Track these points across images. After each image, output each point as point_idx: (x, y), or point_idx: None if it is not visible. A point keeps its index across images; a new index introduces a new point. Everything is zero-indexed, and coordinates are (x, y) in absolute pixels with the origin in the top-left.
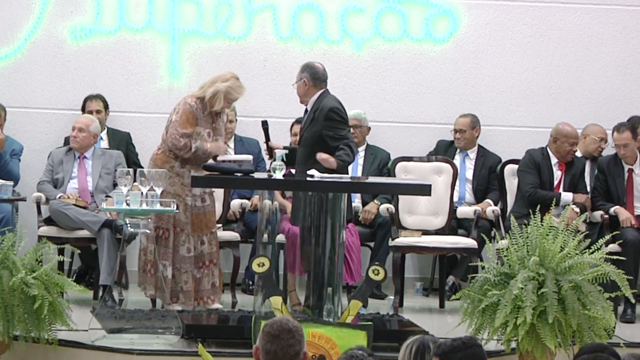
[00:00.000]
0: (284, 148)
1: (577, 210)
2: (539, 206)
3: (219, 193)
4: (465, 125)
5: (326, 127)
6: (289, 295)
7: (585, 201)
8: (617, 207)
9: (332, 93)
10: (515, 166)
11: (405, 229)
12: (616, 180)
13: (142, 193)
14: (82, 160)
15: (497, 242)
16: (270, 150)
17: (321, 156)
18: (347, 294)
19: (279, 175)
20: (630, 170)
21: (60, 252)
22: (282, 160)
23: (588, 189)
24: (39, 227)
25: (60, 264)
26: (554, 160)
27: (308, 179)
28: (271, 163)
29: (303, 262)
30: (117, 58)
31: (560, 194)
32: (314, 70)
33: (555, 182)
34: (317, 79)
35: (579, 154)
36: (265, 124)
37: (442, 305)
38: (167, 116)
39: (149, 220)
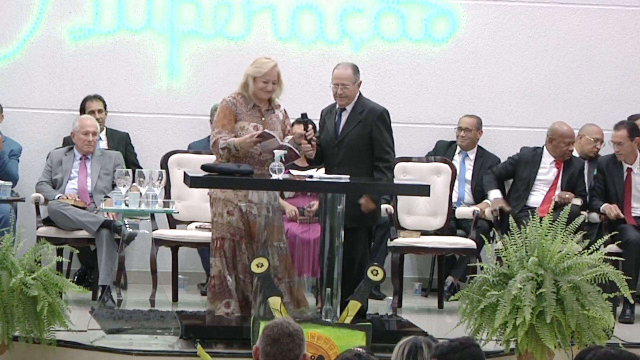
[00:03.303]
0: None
1: (567, 196)
2: None
3: None
4: (471, 125)
5: (377, 129)
6: None
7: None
8: (605, 204)
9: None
10: None
11: (404, 229)
12: (615, 179)
13: (140, 194)
14: (84, 161)
15: (496, 242)
16: (309, 142)
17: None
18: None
19: (278, 176)
20: (629, 170)
21: (59, 252)
22: (281, 160)
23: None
24: (37, 228)
25: (59, 265)
26: (549, 159)
27: (307, 179)
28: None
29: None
30: (116, 58)
31: (491, 190)
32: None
33: (552, 180)
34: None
35: (576, 154)
36: (305, 117)
37: (440, 305)
38: (166, 117)
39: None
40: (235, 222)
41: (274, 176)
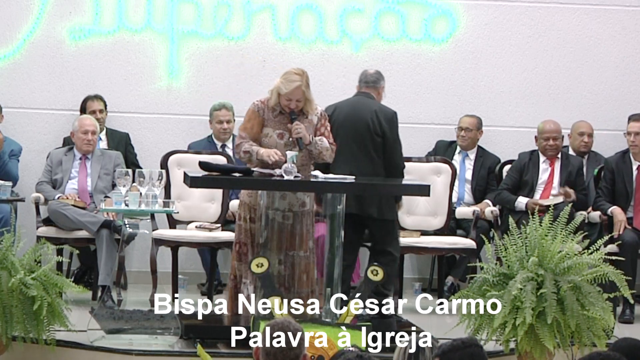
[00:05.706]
0: None
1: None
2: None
3: (217, 193)
4: (472, 125)
5: None
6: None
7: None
8: (614, 207)
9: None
10: None
11: (404, 229)
12: (625, 178)
13: (140, 194)
14: (84, 160)
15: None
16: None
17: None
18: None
19: (290, 177)
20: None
21: (59, 252)
22: (293, 162)
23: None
24: (37, 228)
25: (59, 265)
26: (542, 158)
27: (312, 179)
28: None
29: None
30: (116, 58)
31: (517, 198)
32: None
33: (546, 180)
34: (360, 81)
35: (572, 152)
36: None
37: None
38: (166, 117)
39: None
40: (255, 230)
41: (275, 176)
